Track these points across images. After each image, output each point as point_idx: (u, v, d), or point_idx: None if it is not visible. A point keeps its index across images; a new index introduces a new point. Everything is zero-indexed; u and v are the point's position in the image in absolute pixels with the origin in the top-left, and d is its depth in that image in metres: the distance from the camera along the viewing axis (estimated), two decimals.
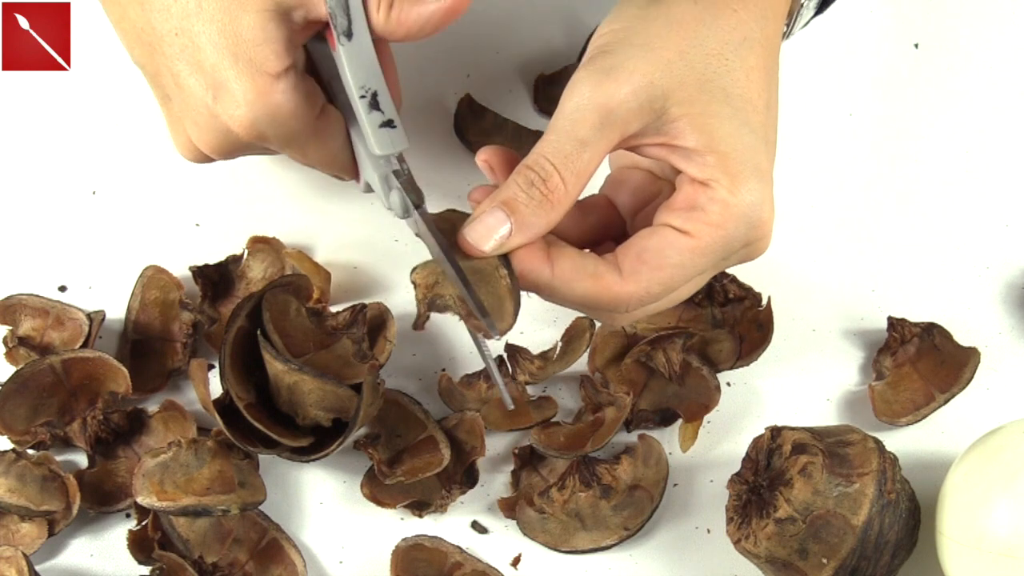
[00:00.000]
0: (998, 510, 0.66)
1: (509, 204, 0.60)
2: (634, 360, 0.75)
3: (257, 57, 0.61)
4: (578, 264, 0.61)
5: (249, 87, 0.61)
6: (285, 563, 0.72)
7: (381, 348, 0.75)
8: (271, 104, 0.61)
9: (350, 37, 0.61)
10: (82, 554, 0.74)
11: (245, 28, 0.60)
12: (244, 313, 0.73)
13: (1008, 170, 0.82)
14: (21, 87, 0.83)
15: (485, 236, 0.60)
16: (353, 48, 0.61)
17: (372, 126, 0.63)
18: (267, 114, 0.62)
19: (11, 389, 0.74)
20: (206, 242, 0.80)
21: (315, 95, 0.64)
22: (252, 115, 0.61)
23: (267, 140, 0.63)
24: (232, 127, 0.62)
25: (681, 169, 0.61)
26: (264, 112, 0.61)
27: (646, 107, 0.59)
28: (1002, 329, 0.79)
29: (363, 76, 0.62)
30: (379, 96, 0.62)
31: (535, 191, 0.59)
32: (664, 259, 0.60)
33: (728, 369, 0.76)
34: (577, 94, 0.60)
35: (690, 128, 0.60)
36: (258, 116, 0.62)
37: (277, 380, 0.71)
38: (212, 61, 0.61)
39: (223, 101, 0.61)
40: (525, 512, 0.74)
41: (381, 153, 0.63)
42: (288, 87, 0.62)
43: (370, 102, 0.62)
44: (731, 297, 0.77)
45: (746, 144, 0.60)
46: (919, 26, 0.85)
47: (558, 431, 0.75)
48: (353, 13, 0.61)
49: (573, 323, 0.77)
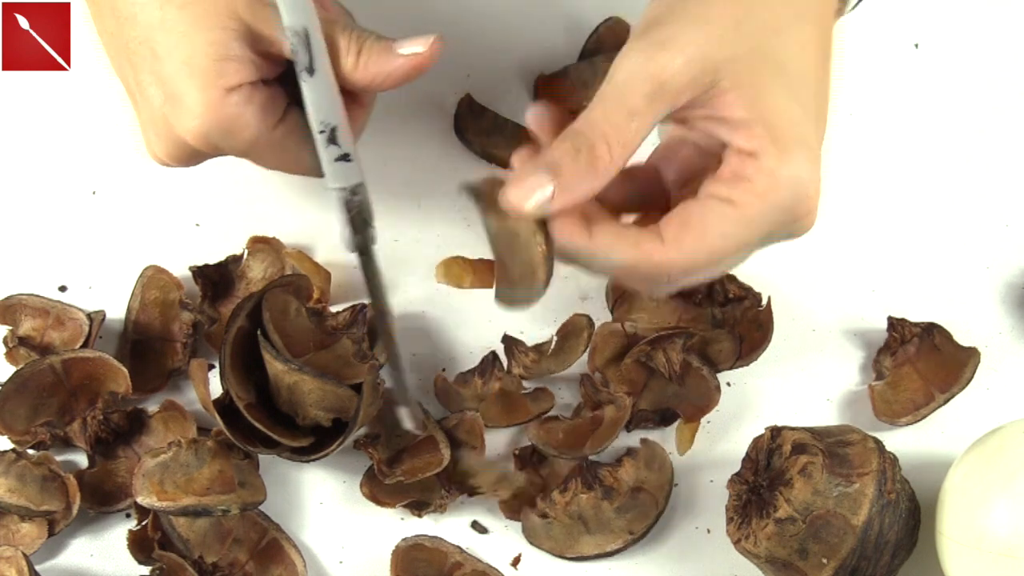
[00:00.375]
0: (998, 510, 0.66)
1: (553, 168, 0.59)
2: (634, 360, 0.75)
3: (212, 71, 0.62)
4: (617, 232, 0.60)
5: (200, 99, 0.62)
6: (285, 563, 0.72)
7: (381, 348, 0.75)
8: (223, 116, 0.62)
9: (311, 74, 0.62)
10: (82, 554, 0.74)
11: (204, 44, 0.61)
12: (244, 313, 0.73)
13: (1008, 170, 0.82)
14: (21, 87, 0.83)
15: (526, 196, 0.59)
16: (314, 84, 0.62)
17: (327, 160, 0.64)
18: (218, 127, 0.62)
19: (11, 389, 0.74)
20: (206, 242, 0.80)
21: (273, 105, 0.64)
22: (204, 127, 0.62)
23: (221, 151, 0.64)
24: (185, 138, 0.63)
25: (727, 141, 0.60)
26: (215, 125, 0.62)
27: (698, 79, 0.59)
28: (1002, 329, 0.79)
29: (323, 112, 0.63)
30: (337, 131, 0.63)
31: (581, 157, 0.58)
32: (708, 228, 0.59)
33: (728, 369, 0.76)
34: (629, 64, 0.59)
35: (739, 100, 0.59)
36: (210, 128, 0.62)
37: (277, 380, 0.71)
38: (169, 72, 0.62)
39: (177, 112, 0.62)
40: (529, 519, 0.74)
41: (334, 186, 0.65)
42: (241, 100, 0.62)
43: (328, 137, 0.63)
44: (731, 297, 0.77)
45: (795, 117, 0.60)
46: (919, 26, 0.85)
47: (556, 426, 0.75)
48: (315, 51, 0.62)
49: (570, 319, 0.76)
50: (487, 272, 0.79)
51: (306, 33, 0.61)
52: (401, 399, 0.70)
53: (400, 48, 0.63)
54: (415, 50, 0.63)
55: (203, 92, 0.62)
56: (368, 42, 0.63)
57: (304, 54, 0.62)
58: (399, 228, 0.80)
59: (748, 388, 0.77)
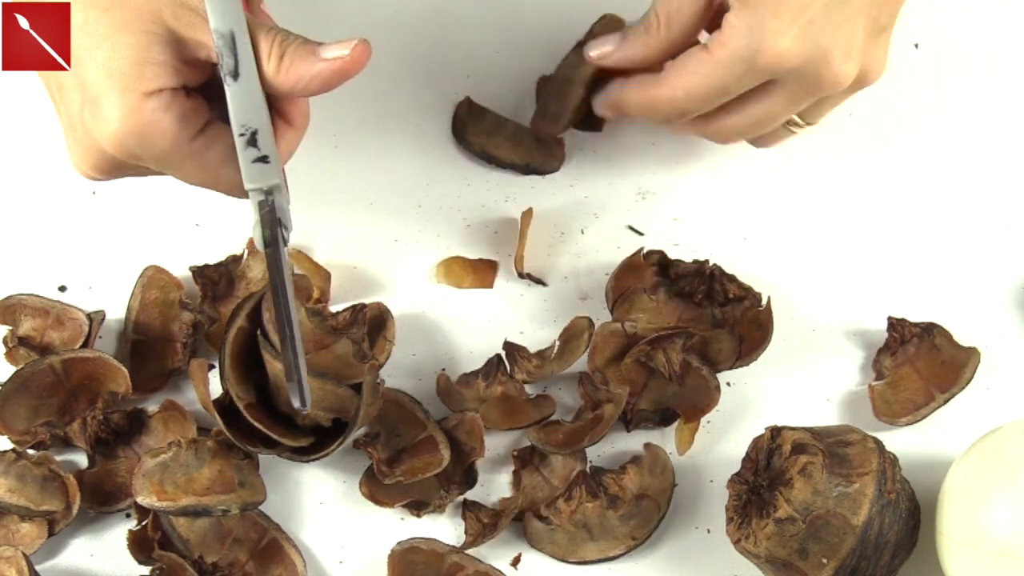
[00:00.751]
0: (998, 510, 0.66)
1: (624, 33, 0.72)
2: (634, 360, 0.75)
3: (131, 75, 0.61)
4: (638, 79, 0.72)
5: (118, 103, 0.61)
6: (285, 563, 0.72)
7: (381, 348, 0.75)
8: (139, 123, 0.62)
9: (236, 78, 0.62)
10: (82, 554, 0.74)
11: (125, 46, 0.61)
12: (244, 313, 0.73)
13: (1008, 170, 0.82)
14: (21, 87, 0.83)
15: (595, 46, 0.73)
16: (239, 88, 0.62)
17: (245, 161, 0.64)
18: (135, 133, 0.62)
19: (11, 389, 0.74)
20: (206, 242, 0.80)
21: (194, 116, 0.64)
22: (121, 132, 0.62)
23: (139, 159, 0.64)
24: (103, 144, 0.62)
25: None
26: (132, 130, 0.62)
27: None
28: (1002, 329, 0.79)
29: (245, 115, 0.63)
30: (258, 134, 0.64)
31: (640, 29, 0.71)
32: (686, 67, 0.69)
33: (728, 369, 0.76)
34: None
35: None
36: (126, 134, 0.62)
37: (277, 380, 0.71)
38: (88, 75, 0.62)
39: (95, 116, 0.62)
40: (532, 523, 0.74)
41: (250, 186, 0.65)
42: (159, 107, 0.62)
43: (248, 140, 0.63)
44: (731, 297, 0.77)
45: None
46: (919, 26, 0.85)
47: (557, 429, 0.75)
48: (240, 55, 0.62)
49: (571, 323, 0.77)
50: (487, 272, 0.79)
51: (232, 36, 0.62)
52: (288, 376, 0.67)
53: (324, 52, 0.63)
54: (339, 54, 0.63)
55: (121, 95, 0.61)
56: (292, 46, 0.63)
57: (229, 57, 0.62)
58: (399, 228, 0.80)
59: (748, 388, 0.77)
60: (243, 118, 0.63)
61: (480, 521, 0.73)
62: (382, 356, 0.74)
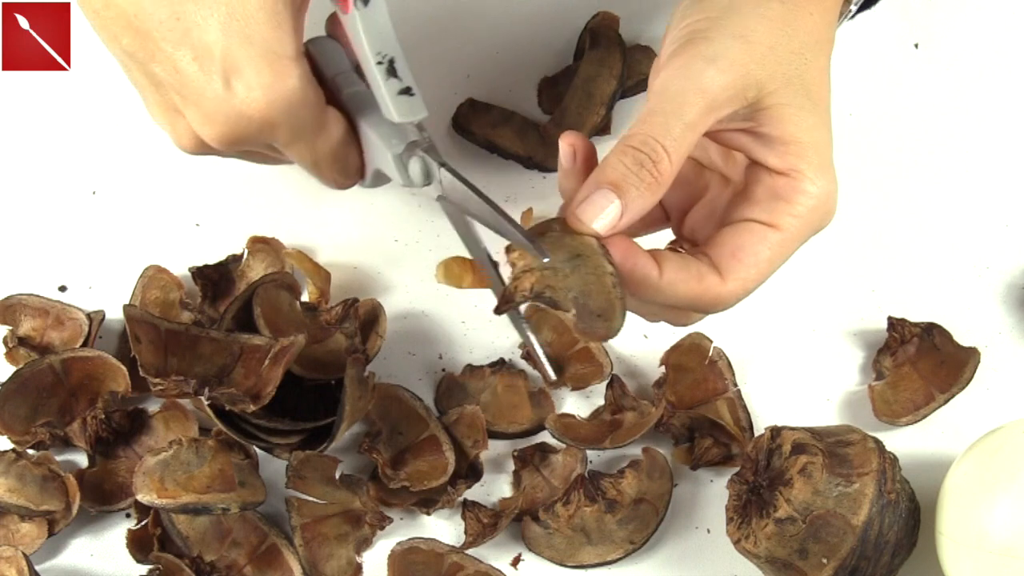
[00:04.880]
0: (998, 510, 0.66)
1: (617, 185, 0.59)
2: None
3: (272, 40, 0.59)
4: (682, 265, 0.61)
5: (266, 70, 0.59)
6: (283, 569, 0.72)
7: (373, 343, 0.75)
8: (287, 88, 0.60)
9: (366, 2, 0.60)
10: (82, 554, 0.74)
11: (255, 10, 0.59)
12: (230, 316, 0.73)
13: (1008, 170, 0.82)
14: (21, 87, 0.83)
15: (595, 215, 0.59)
16: (369, 14, 0.60)
17: (391, 93, 0.61)
18: (283, 98, 0.60)
19: (11, 389, 0.74)
20: (206, 242, 0.80)
21: (320, 89, 0.63)
22: (268, 98, 0.60)
23: (277, 128, 0.62)
24: (246, 111, 0.60)
25: (759, 159, 0.62)
26: (280, 96, 0.60)
27: (740, 95, 0.61)
28: (1002, 329, 0.79)
29: (380, 42, 0.61)
30: (396, 63, 0.61)
31: (644, 172, 0.59)
32: (758, 255, 0.61)
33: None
34: (680, 77, 0.60)
35: (776, 118, 0.61)
36: (274, 100, 0.60)
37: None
38: (222, 44, 0.59)
39: (236, 85, 0.60)
40: (530, 527, 0.74)
41: (400, 120, 0.61)
42: (303, 73, 0.61)
43: (387, 69, 0.61)
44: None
45: (822, 138, 0.62)
46: (919, 26, 0.85)
47: (575, 422, 0.75)
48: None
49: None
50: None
51: None
52: None
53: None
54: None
55: (269, 63, 0.59)
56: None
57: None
58: (399, 228, 0.80)
59: (748, 388, 0.77)
60: (378, 45, 0.60)
61: (480, 521, 0.73)
62: (372, 351, 0.74)
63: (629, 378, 0.77)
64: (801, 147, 0.61)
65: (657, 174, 0.59)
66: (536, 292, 0.57)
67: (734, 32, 0.61)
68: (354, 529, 0.73)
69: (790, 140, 0.61)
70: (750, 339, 0.78)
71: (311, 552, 0.72)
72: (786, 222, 0.61)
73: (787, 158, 0.61)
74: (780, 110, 0.61)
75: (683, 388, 0.76)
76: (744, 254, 0.61)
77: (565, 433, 0.74)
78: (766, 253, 0.61)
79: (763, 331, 0.78)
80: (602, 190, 0.59)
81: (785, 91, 0.61)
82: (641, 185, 0.59)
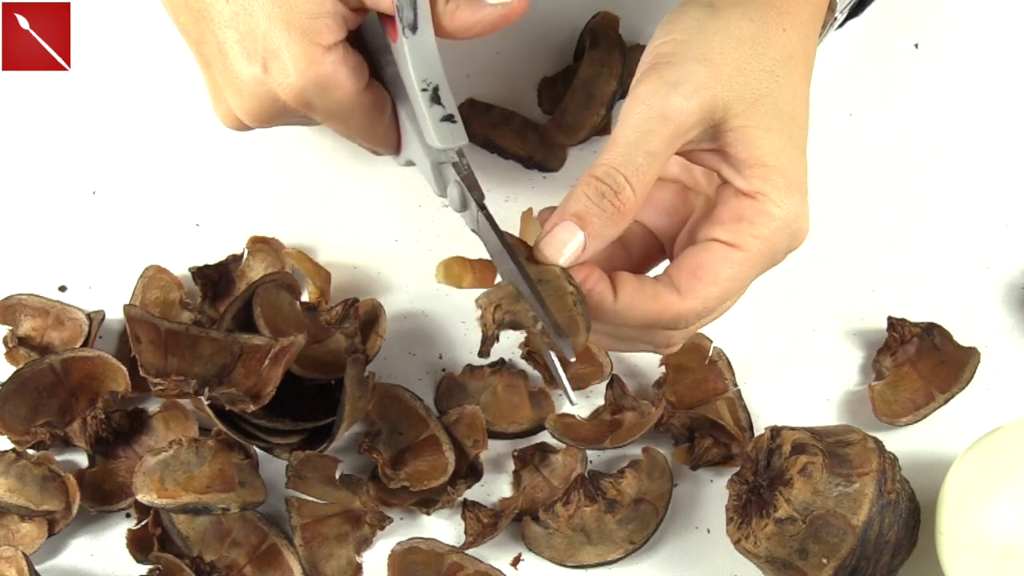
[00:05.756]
0: (998, 510, 0.66)
1: (581, 217, 0.60)
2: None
3: (310, 28, 0.61)
4: (638, 287, 0.61)
5: (300, 56, 0.61)
6: (283, 569, 0.72)
7: (373, 343, 0.75)
8: (321, 74, 0.62)
9: (415, 31, 0.61)
10: (82, 554, 0.74)
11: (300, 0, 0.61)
12: (230, 316, 0.73)
13: (1008, 170, 0.82)
14: (21, 87, 0.83)
15: (559, 249, 0.60)
16: (417, 42, 0.62)
17: (433, 120, 0.62)
18: (316, 83, 0.62)
19: (11, 389, 0.74)
20: (206, 242, 0.80)
21: (362, 69, 0.64)
22: (302, 83, 0.62)
23: (313, 109, 0.64)
24: (280, 94, 0.63)
25: (728, 179, 0.62)
26: (313, 81, 0.62)
27: (707, 119, 0.61)
28: (1002, 329, 0.79)
29: (425, 70, 0.62)
30: (440, 90, 0.62)
31: (607, 203, 0.60)
32: (718, 274, 0.61)
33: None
34: (644, 106, 0.60)
35: (742, 140, 0.61)
36: (307, 85, 0.62)
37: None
38: (264, 28, 0.62)
39: (273, 68, 0.62)
40: (530, 527, 0.74)
41: (442, 147, 0.63)
42: (338, 59, 0.62)
43: (431, 96, 0.62)
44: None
45: (791, 159, 0.62)
46: (919, 26, 0.85)
47: (574, 422, 0.75)
48: (419, 7, 0.61)
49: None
50: (487, 272, 0.79)
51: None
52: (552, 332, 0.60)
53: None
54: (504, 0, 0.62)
55: (304, 49, 0.61)
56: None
57: (409, 10, 0.61)
58: (399, 228, 0.80)
59: (748, 388, 0.77)
60: (423, 73, 0.62)
61: (480, 521, 0.73)
62: (372, 351, 0.74)
63: (629, 378, 0.77)
64: (766, 170, 0.61)
65: (620, 204, 0.60)
66: (500, 322, 0.60)
67: (698, 56, 0.61)
68: (354, 529, 0.73)
69: (755, 163, 0.61)
70: (750, 339, 0.78)
71: (311, 552, 0.72)
72: (748, 243, 0.61)
73: (752, 180, 0.61)
74: (746, 132, 0.61)
75: (683, 388, 0.76)
76: (703, 272, 0.61)
77: (565, 433, 0.74)
78: (727, 271, 0.61)
79: (763, 331, 0.79)
80: (565, 222, 0.60)
81: (752, 112, 0.61)
82: (603, 216, 0.60)
